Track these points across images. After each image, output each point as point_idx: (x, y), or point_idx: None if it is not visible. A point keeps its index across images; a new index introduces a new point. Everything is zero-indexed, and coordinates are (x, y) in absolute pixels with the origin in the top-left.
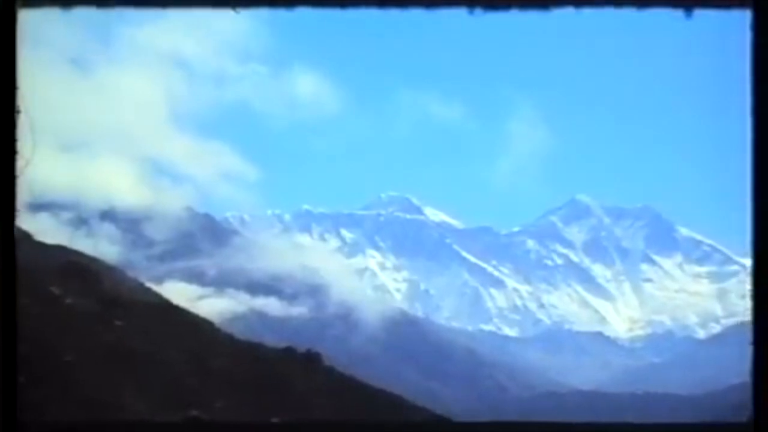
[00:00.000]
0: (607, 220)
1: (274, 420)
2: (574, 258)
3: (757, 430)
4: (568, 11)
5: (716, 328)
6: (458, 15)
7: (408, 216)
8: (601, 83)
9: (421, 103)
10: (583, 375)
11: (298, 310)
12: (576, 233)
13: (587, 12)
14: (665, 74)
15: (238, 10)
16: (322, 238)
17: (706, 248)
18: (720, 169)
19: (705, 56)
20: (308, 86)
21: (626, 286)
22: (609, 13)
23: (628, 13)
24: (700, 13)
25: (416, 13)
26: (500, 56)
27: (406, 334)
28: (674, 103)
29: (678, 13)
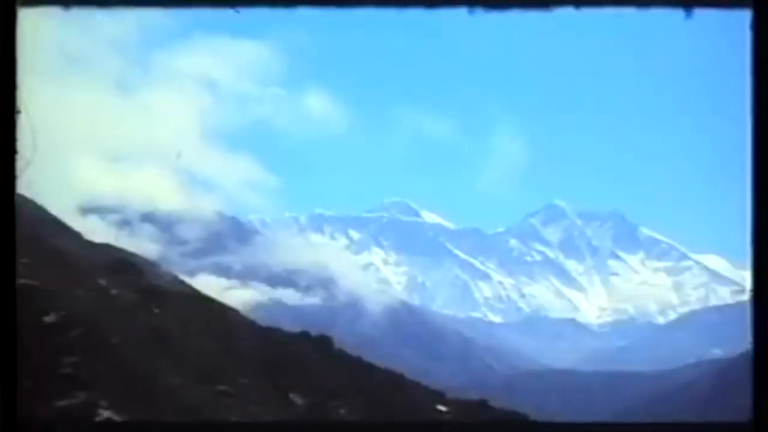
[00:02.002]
0: (579, 222)
1: (291, 395)
2: (551, 255)
3: (757, 430)
4: (568, 11)
5: (672, 316)
6: (457, 15)
7: (407, 218)
8: (596, 85)
9: (418, 120)
10: (558, 356)
11: (312, 300)
12: (552, 233)
13: (586, 12)
14: (664, 74)
15: (239, 10)
16: (333, 238)
17: (664, 246)
18: (701, 171)
19: (705, 56)
20: (320, 106)
21: (596, 279)
22: (609, 12)
23: (628, 13)
24: (700, 13)
25: (415, 14)
26: (490, 70)
27: (406, 320)
28: (672, 103)
29: (678, 13)
